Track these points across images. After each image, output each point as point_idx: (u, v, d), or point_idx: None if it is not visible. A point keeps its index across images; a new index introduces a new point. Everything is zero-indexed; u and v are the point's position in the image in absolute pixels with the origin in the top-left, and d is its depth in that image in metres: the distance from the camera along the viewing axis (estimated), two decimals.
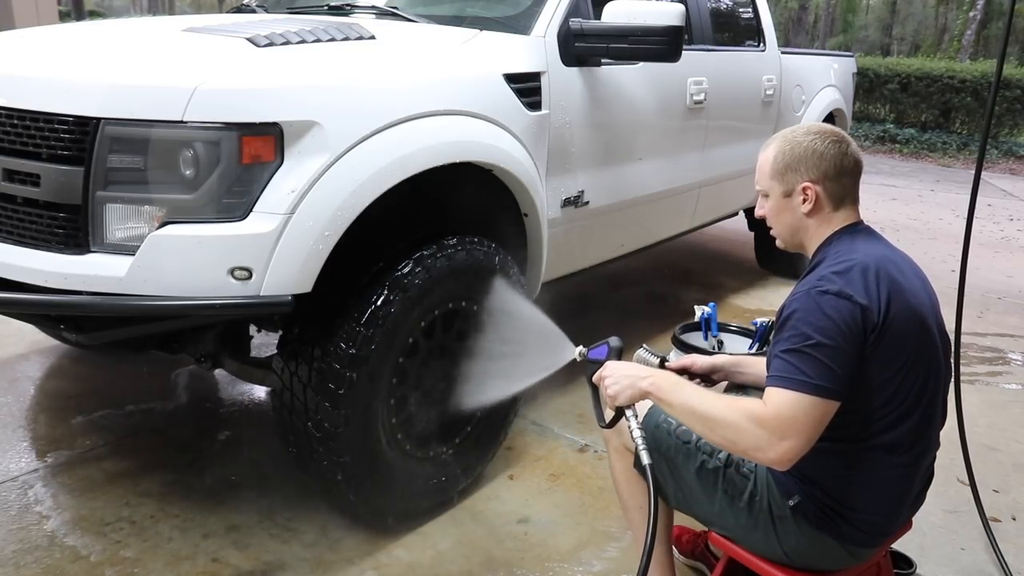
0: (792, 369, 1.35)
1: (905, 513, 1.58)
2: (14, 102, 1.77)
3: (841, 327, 1.35)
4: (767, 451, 1.34)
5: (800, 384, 1.34)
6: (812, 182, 1.51)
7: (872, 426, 1.43)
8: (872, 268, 1.42)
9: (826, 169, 1.51)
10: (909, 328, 1.42)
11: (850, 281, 1.39)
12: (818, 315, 1.36)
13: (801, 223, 1.55)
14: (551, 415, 2.88)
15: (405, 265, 1.97)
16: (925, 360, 1.46)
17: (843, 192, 1.53)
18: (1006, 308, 4.55)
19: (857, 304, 1.36)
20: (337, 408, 1.89)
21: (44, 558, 2.00)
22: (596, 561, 2.11)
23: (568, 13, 2.52)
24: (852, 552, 1.53)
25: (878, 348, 1.38)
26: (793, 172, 1.53)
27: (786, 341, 1.39)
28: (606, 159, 2.78)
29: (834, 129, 1.56)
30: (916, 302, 1.45)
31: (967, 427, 2.46)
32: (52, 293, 1.72)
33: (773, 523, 1.53)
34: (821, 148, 1.51)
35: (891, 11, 37.24)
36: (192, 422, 2.75)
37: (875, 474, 1.47)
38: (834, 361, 1.34)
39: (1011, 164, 11.06)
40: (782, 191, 1.55)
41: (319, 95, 1.79)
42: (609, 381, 1.53)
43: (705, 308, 2.62)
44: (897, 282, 1.43)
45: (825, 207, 1.53)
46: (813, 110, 4.54)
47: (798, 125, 1.60)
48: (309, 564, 2.04)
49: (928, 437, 1.51)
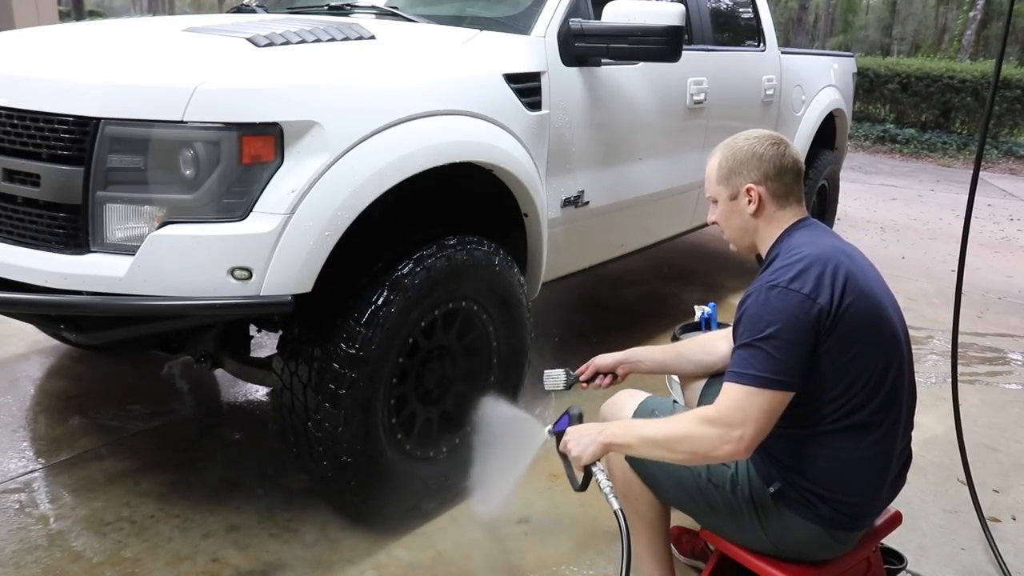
0: (744, 363, 1.43)
1: (885, 494, 1.61)
2: (14, 102, 1.77)
3: (791, 318, 1.41)
4: (723, 446, 1.42)
5: (749, 378, 1.42)
6: (755, 183, 1.59)
7: (837, 410, 1.48)
8: (824, 259, 1.47)
9: (767, 170, 1.59)
10: (865, 314, 1.47)
11: (800, 273, 1.44)
12: (768, 309, 1.43)
13: (749, 224, 1.63)
14: (551, 415, 2.87)
15: (405, 265, 1.97)
16: (885, 343, 1.50)
17: (785, 190, 1.60)
18: (1006, 308, 4.55)
19: (806, 295, 1.42)
20: (337, 408, 1.89)
21: (44, 558, 2.00)
22: (596, 561, 2.11)
23: (568, 13, 2.52)
24: (836, 537, 1.56)
25: (832, 335, 1.43)
26: (736, 175, 1.61)
27: (740, 336, 1.47)
28: (606, 159, 2.78)
29: (772, 133, 1.64)
30: (871, 288, 1.50)
31: (966, 427, 2.46)
32: (52, 293, 1.72)
33: (756, 512, 1.56)
34: (760, 150, 1.59)
35: (891, 11, 37.25)
36: (192, 422, 2.75)
37: (846, 455, 1.51)
38: (784, 353, 1.41)
39: (1011, 164, 11.06)
40: (728, 195, 1.63)
41: (319, 95, 1.79)
42: (571, 445, 1.58)
43: (705, 308, 2.61)
44: (850, 271, 1.48)
45: (769, 206, 1.60)
46: (813, 110, 4.53)
47: (739, 133, 1.68)
48: (309, 564, 2.04)
49: (895, 418, 1.54)
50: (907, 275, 4.97)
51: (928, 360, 3.65)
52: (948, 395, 3.23)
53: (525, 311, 2.39)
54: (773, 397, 1.41)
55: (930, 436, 2.81)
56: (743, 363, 1.43)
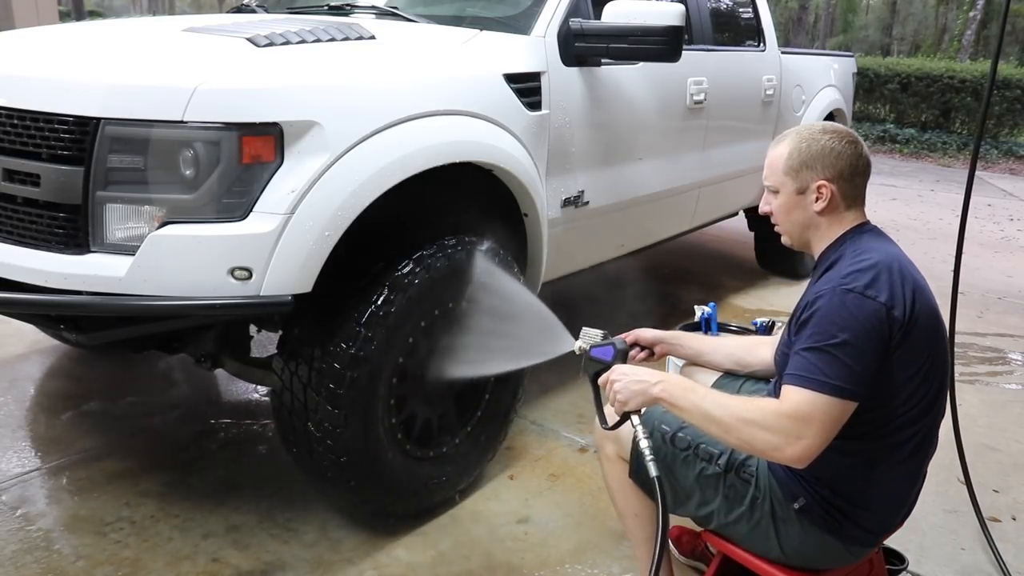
0: (812, 368, 1.36)
1: (906, 510, 1.59)
2: (14, 102, 1.77)
3: (866, 326, 1.36)
4: (784, 450, 1.34)
5: (819, 384, 1.34)
6: (828, 180, 1.51)
7: (892, 423, 1.44)
8: (895, 267, 1.42)
9: (842, 168, 1.51)
10: (929, 327, 1.43)
11: (875, 280, 1.39)
12: (843, 313, 1.36)
13: (812, 221, 1.55)
14: (551, 415, 2.88)
15: (405, 265, 1.97)
16: (940, 357, 1.48)
17: (855, 192, 1.54)
18: (1006, 308, 4.55)
19: (882, 304, 1.37)
20: (337, 408, 1.89)
21: (44, 558, 2.00)
22: (597, 561, 2.11)
23: (568, 13, 2.52)
24: (853, 552, 1.54)
25: (902, 347, 1.39)
26: (809, 169, 1.52)
27: (808, 339, 1.39)
28: (606, 159, 2.78)
29: (848, 130, 1.56)
30: (933, 301, 1.46)
31: (967, 427, 2.46)
32: (52, 293, 1.72)
33: (775, 525, 1.53)
34: (839, 148, 1.51)
35: (891, 11, 37.24)
36: (192, 422, 2.75)
37: (889, 472, 1.47)
38: (856, 361, 1.35)
39: (1011, 164, 11.06)
40: (795, 188, 1.55)
41: (319, 95, 1.79)
42: (619, 386, 1.51)
43: (705, 308, 2.61)
44: (917, 281, 1.44)
45: (838, 206, 1.53)
46: (813, 110, 4.54)
47: (810, 124, 1.60)
48: (309, 564, 2.04)
49: (934, 435, 1.52)
50: None
51: None
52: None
53: None
54: (841, 406, 1.34)
55: None
56: (811, 367, 1.36)
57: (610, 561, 2.10)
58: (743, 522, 1.56)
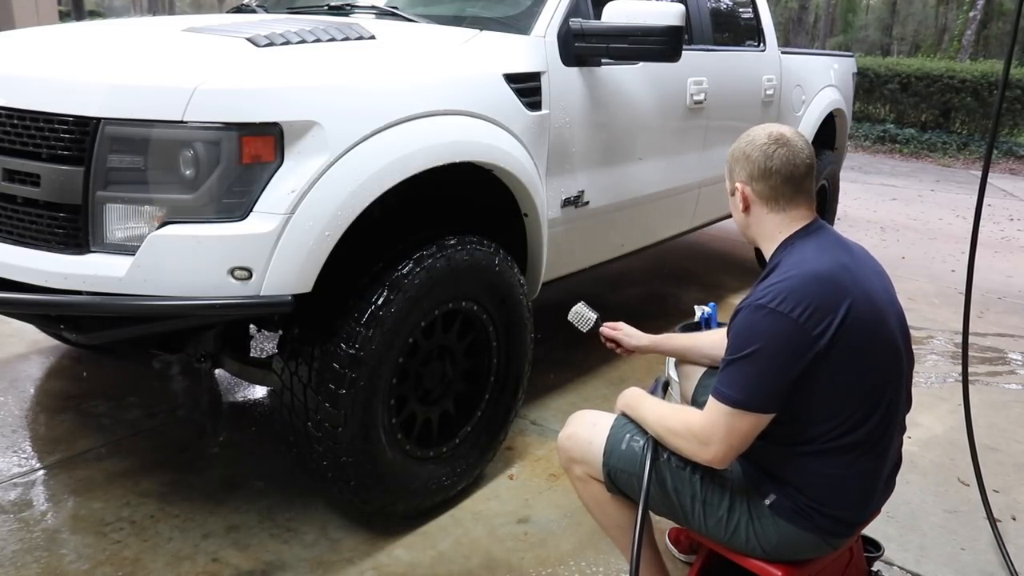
0: (721, 379, 1.44)
1: (876, 502, 1.60)
2: (14, 102, 1.77)
3: (775, 341, 1.38)
4: (698, 455, 1.48)
5: (723, 396, 1.42)
6: (742, 182, 1.57)
7: (832, 430, 1.46)
8: (823, 279, 1.42)
9: (751, 170, 1.55)
10: (867, 332, 1.43)
11: (791, 295, 1.39)
12: (754, 329, 1.41)
13: (744, 222, 1.62)
14: (551, 415, 2.88)
15: (405, 265, 1.97)
16: (885, 361, 1.48)
17: (773, 193, 1.53)
18: (1006, 308, 4.55)
19: (794, 321, 1.37)
20: (337, 408, 1.89)
21: (44, 558, 2.00)
22: (597, 561, 2.11)
23: (568, 13, 2.52)
24: (831, 543, 1.56)
25: (826, 360, 1.39)
26: (731, 172, 1.61)
27: (727, 351, 1.46)
28: (606, 159, 2.78)
29: (778, 133, 1.54)
30: (872, 304, 1.45)
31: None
32: (52, 293, 1.72)
33: (752, 524, 1.55)
34: (748, 150, 1.55)
35: (891, 11, 37.23)
36: (192, 422, 2.75)
37: (841, 472, 1.49)
38: (760, 375, 1.39)
39: (1011, 164, 11.06)
40: (729, 189, 1.63)
41: (319, 95, 1.79)
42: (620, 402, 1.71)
43: (705, 308, 2.61)
44: (847, 288, 1.42)
45: (756, 207, 1.57)
46: (813, 110, 4.54)
47: (756, 127, 1.61)
48: (309, 564, 2.04)
49: (892, 432, 1.53)
50: (907, 275, 4.97)
51: (928, 360, 3.65)
52: (948, 395, 3.24)
53: (525, 311, 2.39)
54: (746, 418, 1.41)
55: (930, 436, 2.81)
56: (721, 379, 1.44)
57: (610, 561, 2.10)
58: (723, 527, 1.58)
